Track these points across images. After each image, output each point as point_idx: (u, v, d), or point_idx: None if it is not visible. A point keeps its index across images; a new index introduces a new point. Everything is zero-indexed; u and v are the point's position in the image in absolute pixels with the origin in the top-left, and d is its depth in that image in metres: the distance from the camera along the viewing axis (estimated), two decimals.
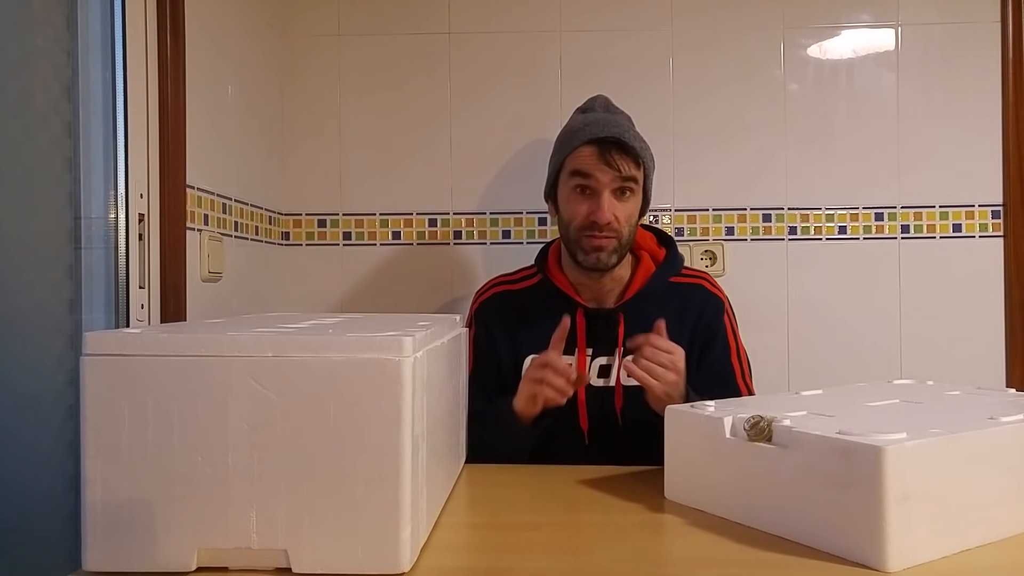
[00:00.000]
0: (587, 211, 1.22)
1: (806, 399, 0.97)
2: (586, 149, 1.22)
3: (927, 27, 1.80)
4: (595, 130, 1.22)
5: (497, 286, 1.38)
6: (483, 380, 1.30)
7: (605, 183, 1.21)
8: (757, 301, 1.79)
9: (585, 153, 1.22)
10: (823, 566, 0.72)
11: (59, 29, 1.11)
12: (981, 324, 1.80)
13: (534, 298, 1.32)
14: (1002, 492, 0.78)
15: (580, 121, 1.27)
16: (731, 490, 0.85)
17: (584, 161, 1.22)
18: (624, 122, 1.27)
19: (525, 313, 1.31)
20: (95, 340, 0.69)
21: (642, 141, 1.25)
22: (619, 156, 1.21)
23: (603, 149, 1.21)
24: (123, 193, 1.16)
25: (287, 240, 1.84)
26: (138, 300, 1.19)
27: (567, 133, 1.28)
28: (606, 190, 1.21)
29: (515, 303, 1.33)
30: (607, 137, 1.21)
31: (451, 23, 1.82)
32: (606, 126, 1.22)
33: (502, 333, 1.31)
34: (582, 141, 1.22)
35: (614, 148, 1.21)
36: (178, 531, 0.69)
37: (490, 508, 0.96)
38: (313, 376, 0.69)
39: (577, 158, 1.23)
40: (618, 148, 1.21)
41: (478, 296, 1.38)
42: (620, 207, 1.22)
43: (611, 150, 1.20)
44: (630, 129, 1.25)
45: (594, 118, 1.26)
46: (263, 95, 1.72)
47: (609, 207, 1.21)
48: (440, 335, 0.88)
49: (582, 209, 1.23)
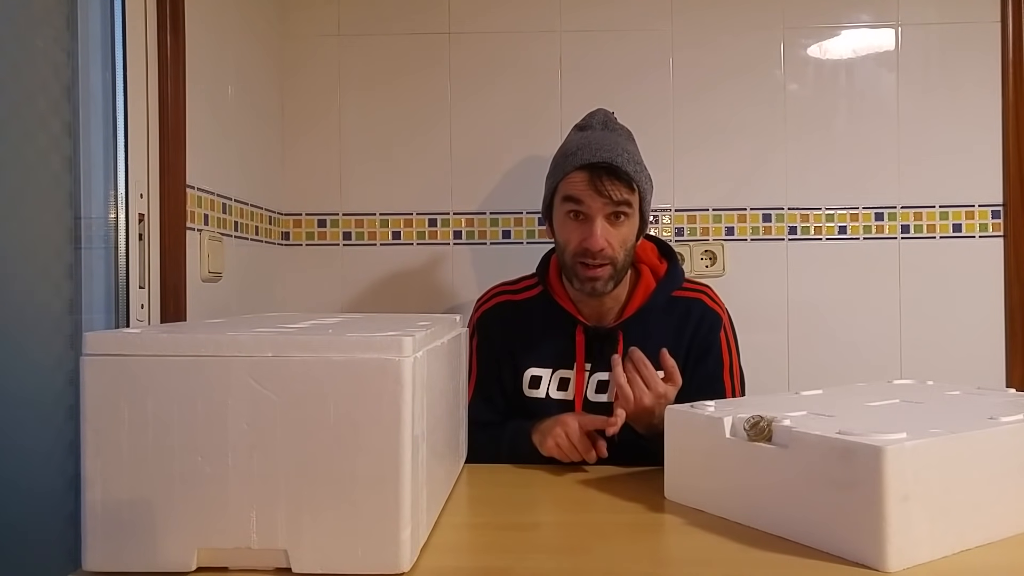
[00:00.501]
0: (580, 237, 1.20)
1: (806, 399, 0.97)
2: (578, 175, 1.19)
3: (927, 27, 1.80)
4: (587, 155, 1.18)
5: (499, 295, 1.37)
6: (488, 391, 1.30)
7: (597, 209, 1.18)
8: (757, 301, 1.79)
9: (577, 179, 1.19)
10: (823, 566, 0.72)
11: (59, 29, 1.11)
12: (981, 324, 1.80)
13: (535, 310, 1.31)
14: (1002, 492, 0.78)
15: (575, 143, 1.24)
16: (731, 490, 0.85)
17: (576, 187, 1.19)
18: (620, 142, 1.23)
19: (526, 325, 1.31)
20: (95, 340, 0.69)
21: (637, 163, 1.21)
22: (610, 182, 1.17)
23: (594, 175, 1.17)
24: (123, 193, 1.16)
25: (287, 240, 1.84)
26: (138, 300, 1.19)
27: (561, 155, 1.25)
28: (599, 216, 1.18)
29: (516, 314, 1.32)
30: (599, 162, 1.17)
31: (451, 23, 1.82)
32: (598, 150, 1.19)
33: (503, 344, 1.31)
34: (574, 167, 1.19)
35: (605, 174, 1.17)
36: (178, 531, 0.69)
37: (490, 508, 0.96)
38: (313, 376, 0.69)
39: (569, 183, 1.20)
40: (609, 174, 1.17)
41: (479, 305, 1.38)
42: (614, 232, 1.20)
43: (602, 176, 1.17)
44: (625, 151, 1.21)
45: (588, 140, 1.22)
46: (263, 95, 1.72)
47: (602, 233, 1.18)
48: (440, 335, 0.88)
49: (575, 236, 1.20)
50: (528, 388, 1.28)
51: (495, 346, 1.32)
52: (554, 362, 1.28)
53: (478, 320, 1.35)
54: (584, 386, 1.25)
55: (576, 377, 1.26)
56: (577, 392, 1.25)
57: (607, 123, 1.30)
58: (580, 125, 1.32)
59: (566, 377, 1.27)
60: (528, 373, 1.29)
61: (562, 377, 1.27)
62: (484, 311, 1.36)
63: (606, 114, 1.32)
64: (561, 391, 1.27)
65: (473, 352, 1.33)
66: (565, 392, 1.27)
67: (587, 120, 1.31)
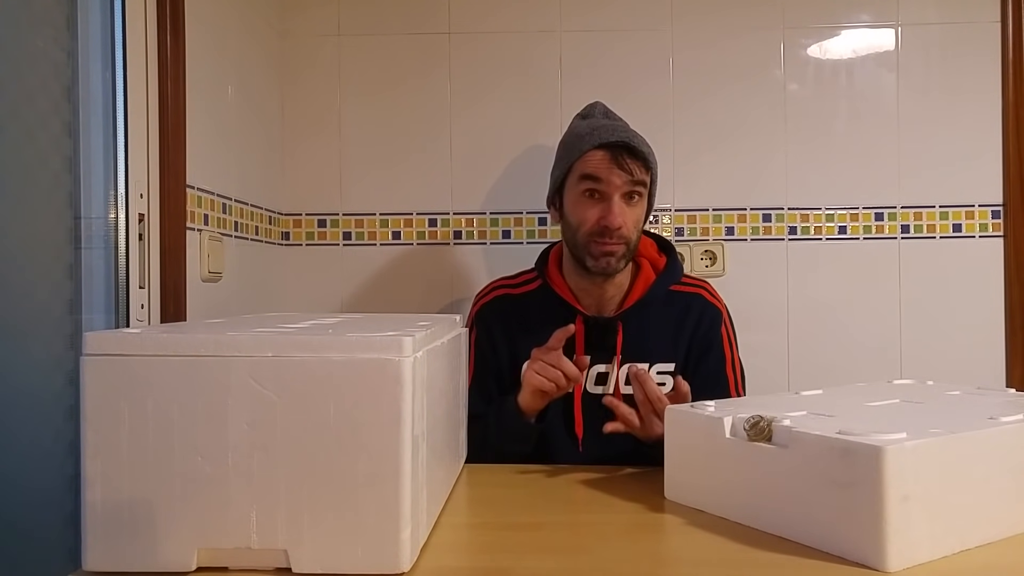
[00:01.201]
0: (597, 215, 1.21)
1: (806, 399, 0.97)
2: (597, 153, 1.21)
3: (927, 27, 1.80)
4: (604, 134, 1.21)
5: (498, 289, 1.37)
6: (483, 383, 1.30)
7: (617, 186, 1.21)
8: (757, 301, 1.79)
9: (596, 157, 1.21)
10: (823, 566, 0.72)
11: (59, 29, 1.11)
12: (981, 324, 1.80)
13: (534, 303, 1.32)
14: (1002, 492, 0.78)
15: (585, 127, 1.26)
16: (731, 490, 0.85)
17: (595, 165, 1.21)
18: (628, 127, 1.27)
19: (525, 318, 1.31)
20: (95, 340, 0.69)
21: (648, 146, 1.25)
22: (631, 160, 1.20)
23: (615, 153, 1.20)
24: (123, 193, 1.16)
25: (287, 240, 1.84)
26: (138, 300, 1.19)
27: (574, 137, 1.27)
28: (617, 194, 1.21)
29: (515, 307, 1.33)
30: (617, 141, 1.21)
31: (451, 23, 1.82)
32: (614, 131, 1.22)
33: (502, 337, 1.31)
34: (592, 145, 1.22)
35: (625, 152, 1.20)
36: (178, 531, 0.69)
37: (490, 508, 0.96)
38: (313, 376, 0.69)
39: (587, 162, 1.22)
40: (628, 152, 1.21)
41: (479, 298, 1.38)
42: (629, 212, 1.22)
43: (623, 154, 1.20)
44: (636, 134, 1.25)
45: (599, 123, 1.26)
46: (263, 95, 1.72)
47: (620, 211, 1.20)
48: (440, 335, 0.88)
49: (592, 214, 1.22)
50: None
51: (494, 339, 1.32)
52: None
53: (477, 313, 1.36)
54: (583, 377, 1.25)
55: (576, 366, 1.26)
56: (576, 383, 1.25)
57: (608, 113, 1.33)
58: (583, 114, 1.35)
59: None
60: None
61: None
62: (483, 304, 1.36)
63: (604, 105, 1.35)
64: None
65: (471, 345, 1.33)
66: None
67: (588, 109, 1.35)
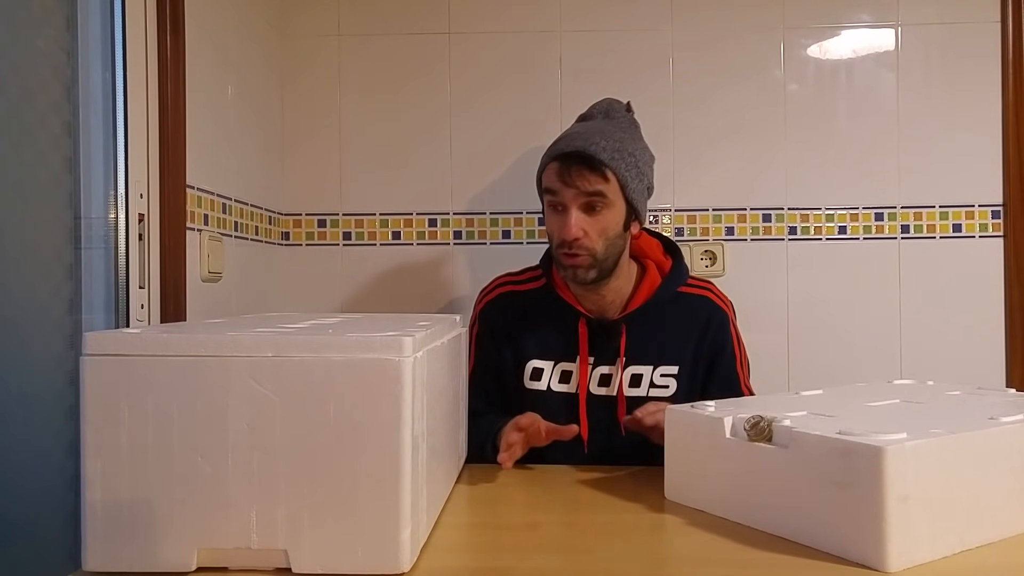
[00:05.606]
0: (559, 227, 1.20)
1: (806, 399, 0.97)
2: (553, 166, 1.20)
3: (927, 27, 1.80)
4: (563, 145, 1.19)
5: (503, 286, 1.37)
6: (482, 380, 1.30)
7: (570, 199, 1.18)
8: (757, 301, 1.79)
9: (552, 170, 1.20)
10: (823, 566, 0.72)
11: (59, 29, 1.11)
12: (981, 324, 1.80)
13: (538, 302, 1.31)
14: (1002, 492, 0.78)
15: (562, 135, 1.25)
16: (731, 490, 0.85)
17: (550, 178, 1.20)
18: (608, 130, 1.21)
19: (529, 316, 1.31)
20: (95, 340, 0.69)
21: (617, 150, 1.18)
22: (578, 172, 1.17)
23: (564, 166, 1.18)
24: (123, 193, 1.16)
25: (287, 240, 1.84)
26: (138, 300, 1.19)
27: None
28: (572, 206, 1.18)
29: (520, 305, 1.33)
30: (571, 152, 1.17)
31: (451, 23, 1.82)
32: (574, 140, 1.18)
33: (505, 335, 1.31)
34: (550, 158, 1.21)
35: (575, 164, 1.17)
36: (178, 531, 0.69)
37: (490, 508, 0.96)
38: (313, 376, 0.69)
39: (547, 175, 1.21)
40: (581, 163, 1.16)
41: (483, 295, 1.38)
42: (591, 222, 1.19)
43: (571, 167, 1.17)
44: (606, 138, 1.18)
45: (572, 130, 1.24)
46: (263, 95, 1.72)
47: (577, 223, 1.18)
48: (440, 335, 0.88)
49: (555, 226, 1.21)
50: (529, 380, 1.28)
51: (497, 336, 1.32)
52: (556, 354, 1.28)
53: (481, 311, 1.36)
54: (588, 379, 1.25)
55: (580, 369, 1.26)
56: (581, 385, 1.25)
57: (609, 112, 1.30)
58: (582, 115, 1.33)
59: (568, 370, 1.27)
60: (530, 365, 1.28)
61: (564, 370, 1.27)
62: (488, 301, 1.36)
63: (611, 103, 1.31)
64: (563, 384, 1.27)
65: (473, 341, 1.33)
66: (567, 385, 1.27)
67: (590, 110, 1.32)
